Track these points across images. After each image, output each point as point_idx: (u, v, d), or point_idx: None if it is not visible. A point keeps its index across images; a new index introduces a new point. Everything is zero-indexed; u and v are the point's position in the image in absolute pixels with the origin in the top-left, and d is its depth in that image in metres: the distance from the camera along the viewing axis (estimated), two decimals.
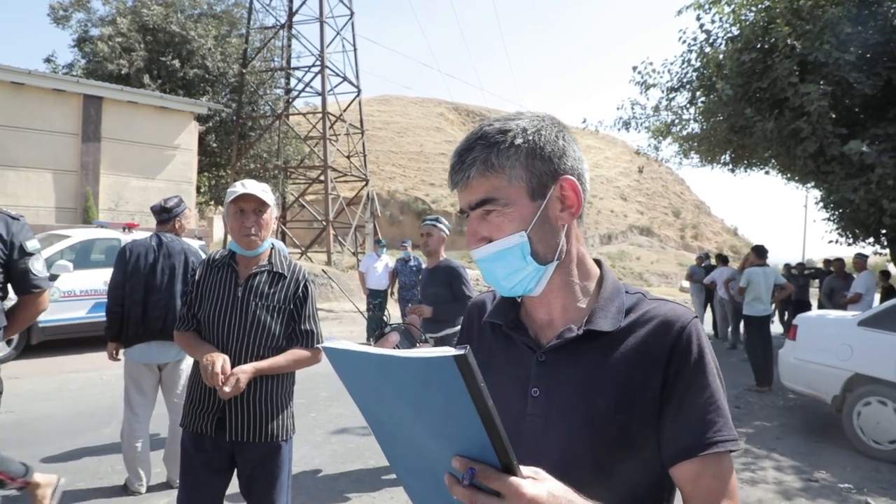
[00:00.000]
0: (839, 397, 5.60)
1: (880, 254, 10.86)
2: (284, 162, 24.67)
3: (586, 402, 0.95)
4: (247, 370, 2.25)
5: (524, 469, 0.75)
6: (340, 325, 13.36)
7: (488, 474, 0.72)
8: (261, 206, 2.37)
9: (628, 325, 0.99)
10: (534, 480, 0.74)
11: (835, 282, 11.50)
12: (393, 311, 11.80)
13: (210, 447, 2.36)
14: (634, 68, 11.54)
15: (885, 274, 12.57)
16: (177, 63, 20.25)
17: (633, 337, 0.98)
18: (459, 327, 1.26)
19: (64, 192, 13.53)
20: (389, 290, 10.93)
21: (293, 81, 25.47)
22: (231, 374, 2.20)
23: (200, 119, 17.28)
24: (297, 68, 24.71)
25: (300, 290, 2.45)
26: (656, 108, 12.04)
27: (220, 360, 2.21)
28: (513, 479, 0.72)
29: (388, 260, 10.92)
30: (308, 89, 24.05)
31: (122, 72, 19.34)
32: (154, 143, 14.88)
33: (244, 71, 22.19)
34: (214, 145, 22.11)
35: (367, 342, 10.44)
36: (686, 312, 1.01)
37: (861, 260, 10.20)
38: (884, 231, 9.75)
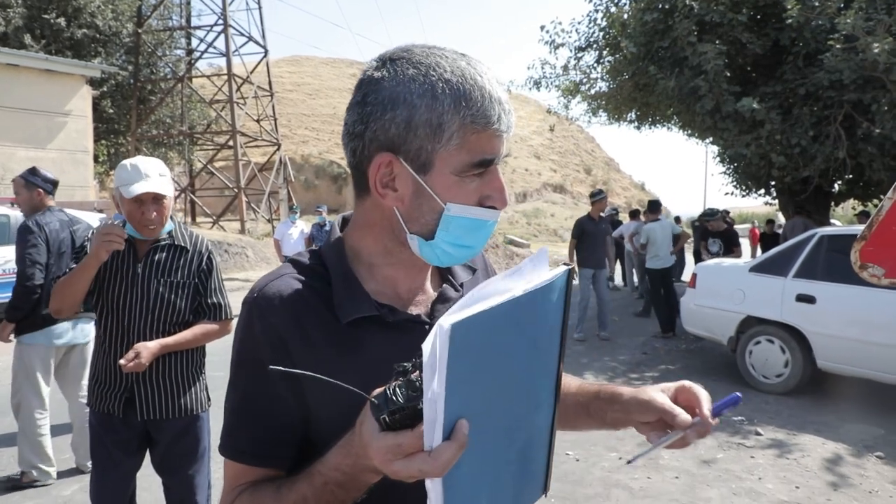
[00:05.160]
0: (733, 338, 6.04)
1: (770, 204, 11.65)
2: (189, 127, 23.52)
3: None
4: (151, 346, 2.18)
5: None
6: None
7: None
8: (160, 195, 2.26)
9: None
10: None
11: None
12: None
13: (120, 426, 2.30)
14: (543, 27, 11.67)
15: (770, 222, 13.60)
16: (62, 21, 18.67)
17: (471, 279, 1.02)
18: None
19: None
20: None
21: (194, 42, 24.18)
22: (132, 348, 2.16)
23: (93, 83, 16.10)
24: (198, 27, 23.48)
25: (204, 262, 2.37)
26: (565, 68, 12.26)
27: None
28: None
29: (303, 226, 10.72)
30: (211, 50, 22.95)
31: None
32: (42, 109, 13.75)
33: (139, 30, 20.80)
34: (111, 111, 20.71)
35: None
36: None
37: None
38: (773, 183, 10.45)
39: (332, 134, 49.31)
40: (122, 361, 2.12)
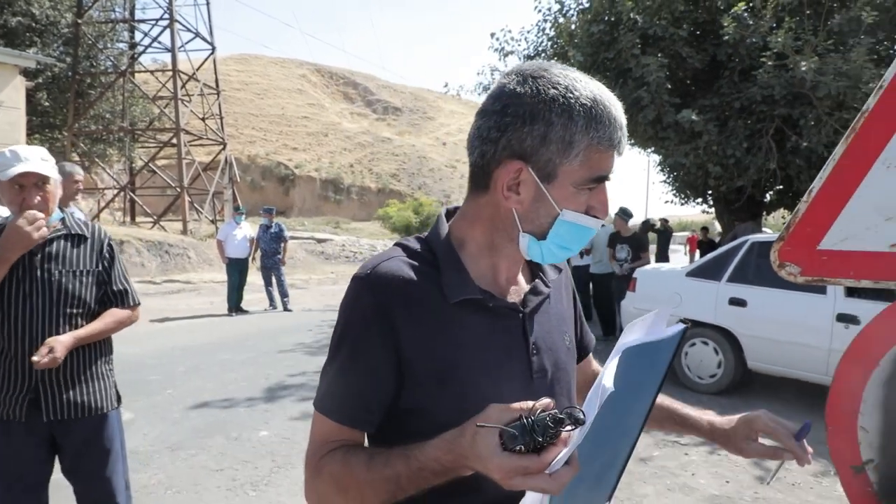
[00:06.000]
0: None
1: (707, 212, 12.11)
2: (131, 124, 22.80)
3: (560, 345, 1.08)
4: (64, 340, 2.07)
5: None
6: (199, 296, 12.75)
7: None
8: (42, 179, 2.13)
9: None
10: None
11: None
12: (254, 279, 11.46)
13: (23, 433, 2.14)
14: (493, 35, 11.83)
15: (705, 229, 14.26)
16: None
17: (557, 278, 1.14)
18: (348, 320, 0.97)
19: None
20: (251, 257, 10.59)
21: (138, 35, 23.48)
22: (44, 344, 2.04)
23: (28, 74, 15.39)
24: (143, 21, 22.82)
25: (105, 249, 2.29)
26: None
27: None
28: None
29: (248, 229, 10.55)
30: (156, 45, 22.36)
31: None
32: None
33: (79, 21, 20.03)
34: (47, 104, 19.85)
35: (229, 314, 10.09)
36: None
37: None
38: (710, 192, 10.88)
39: (280, 135, 48.61)
40: (34, 358, 2.00)
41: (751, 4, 8.58)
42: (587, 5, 10.70)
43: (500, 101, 0.92)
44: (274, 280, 10.75)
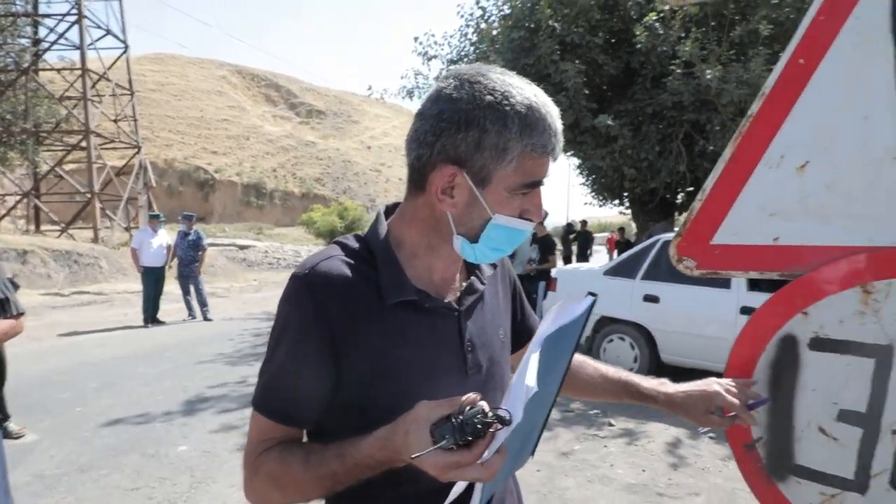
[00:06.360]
0: (590, 337, 6.47)
1: (624, 214, 12.58)
2: (35, 125, 21.40)
3: (494, 340, 1.10)
4: None
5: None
6: (112, 307, 12.13)
7: None
8: None
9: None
10: None
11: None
12: (172, 289, 11.03)
13: None
14: (416, 39, 11.90)
15: (622, 230, 14.88)
16: None
17: (492, 274, 1.15)
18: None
19: None
20: (167, 266, 10.19)
21: (43, 31, 22.11)
22: None
23: None
24: (47, 16, 21.52)
25: None
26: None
27: None
28: None
29: (165, 236, 10.14)
30: (63, 42, 21.11)
31: None
32: None
33: None
34: None
35: (145, 325, 9.67)
36: None
37: None
38: (626, 194, 11.33)
39: (199, 138, 47.00)
40: None
41: (661, 15, 9.00)
42: (508, 12, 10.91)
43: (437, 105, 0.93)
44: (192, 289, 10.38)
